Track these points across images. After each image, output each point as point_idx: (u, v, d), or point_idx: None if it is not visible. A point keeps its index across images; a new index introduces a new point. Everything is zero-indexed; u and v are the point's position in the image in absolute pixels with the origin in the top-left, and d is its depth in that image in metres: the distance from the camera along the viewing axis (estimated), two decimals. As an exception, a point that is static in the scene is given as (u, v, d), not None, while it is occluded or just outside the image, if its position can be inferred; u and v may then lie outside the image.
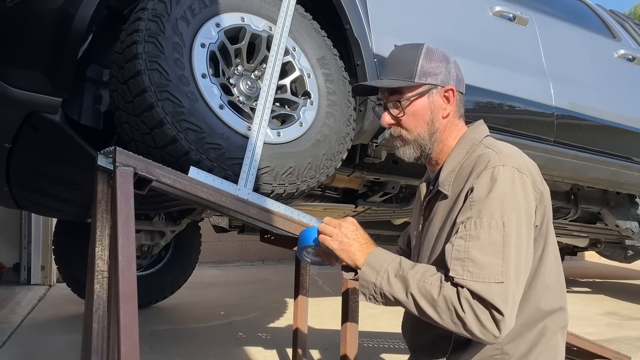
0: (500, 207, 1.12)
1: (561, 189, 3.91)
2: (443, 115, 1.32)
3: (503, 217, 1.11)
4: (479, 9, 2.98)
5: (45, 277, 5.55)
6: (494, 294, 1.06)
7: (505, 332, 1.07)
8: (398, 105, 1.32)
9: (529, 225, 1.15)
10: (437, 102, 1.31)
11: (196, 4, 1.90)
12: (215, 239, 5.51)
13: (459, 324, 1.08)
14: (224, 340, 3.53)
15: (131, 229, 1.41)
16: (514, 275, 1.08)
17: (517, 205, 1.13)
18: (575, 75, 3.35)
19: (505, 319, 1.06)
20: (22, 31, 1.76)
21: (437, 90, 1.32)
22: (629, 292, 5.90)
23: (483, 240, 1.10)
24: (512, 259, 1.09)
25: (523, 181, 1.16)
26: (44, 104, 1.78)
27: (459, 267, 1.10)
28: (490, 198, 1.14)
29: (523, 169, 1.18)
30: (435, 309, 1.10)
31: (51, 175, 2.48)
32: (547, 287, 1.24)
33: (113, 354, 1.46)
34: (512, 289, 1.08)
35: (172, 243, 4.38)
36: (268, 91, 1.97)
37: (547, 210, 1.23)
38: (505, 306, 1.05)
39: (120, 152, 1.50)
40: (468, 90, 2.74)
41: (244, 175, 1.84)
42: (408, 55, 1.33)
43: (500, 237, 1.09)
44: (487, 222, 1.11)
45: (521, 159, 1.22)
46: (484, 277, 1.07)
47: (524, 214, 1.14)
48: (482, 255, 1.09)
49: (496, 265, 1.08)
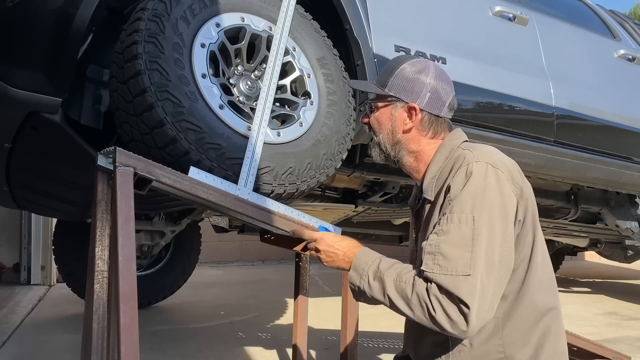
0: (471, 202, 1.15)
1: (561, 189, 3.91)
2: (404, 129, 1.37)
3: (473, 212, 1.13)
4: (479, 9, 2.98)
5: (45, 277, 5.56)
6: (460, 287, 1.07)
7: (476, 325, 1.07)
8: (371, 108, 1.43)
9: (506, 220, 1.16)
10: (399, 116, 1.38)
11: (196, 4, 1.90)
12: (215, 239, 5.51)
13: (430, 318, 1.10)
14: (224, 340, 3.53)
15: (131, 229, 1.42)
16: (483, 268, 1.09)
17: (490, 199, 1.15)
18: (576, 75, 3.35)
19: (473, 312, 1.06)
20: (22, 31, 1.76)
21: (402, 104, 1.37)
22: (629, 292, 5.90)
23: (453, 234, 1.13)
24: (481, 252, 1.10)
25: (497, 176, 1.18)
26: (44, 104, 1.78)
27: (430, 261, 1.13)
28: (463, 193, 1.17)
29: (498, 165, 1.20)
30: (409, 306, 1.13)
31: (51, 175, 2.48)
32: (540, 283, 1.25)
33: (113, 354, 1.46)
34: (481, 282, 1.08)
35: (172, 243, 4.38)
36: (268, 91, 1.97)
37: (530, 205, 1.25)
38: (472, 299, 1.06)
39: (120, 152, 1.50)
40: (468, 90, 2.79)
41: (244, 175, 1.84)
42: (394, 64, 1.40)
43: (470, 231, 1.12)
44: (457, 216, 1.14)
45: (497, 156, 1.24)
46: (452, 270, 1.09)
47: (498, 208, 1.15)
48: (451, 248, 1.11)
49: (464, 258, 1.09)
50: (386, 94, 1.39)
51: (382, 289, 1.17)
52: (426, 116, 1.37)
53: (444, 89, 1.38)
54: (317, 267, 6.35)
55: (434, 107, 1.37)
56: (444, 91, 1.38)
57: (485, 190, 1.16)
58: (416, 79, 1.36)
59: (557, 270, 7.01)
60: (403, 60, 1.40)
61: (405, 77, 1.37)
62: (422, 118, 1.37)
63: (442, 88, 1.38)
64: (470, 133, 2.74)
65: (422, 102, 1.36)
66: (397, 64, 1.40)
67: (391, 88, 1.38)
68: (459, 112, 2.73)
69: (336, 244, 1.34)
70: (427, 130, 1.37)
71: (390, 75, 1.39)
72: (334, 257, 1.32)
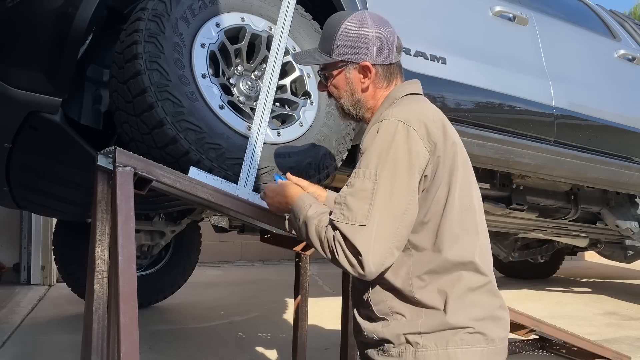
0: (376, 158, 1.22)
1: (561, 189, 3.91)
2: (362, 88, 1.41)
3: (377, 167, 1.21)
4: (479, 9, 2.98)
5: (45, 277, 5.56)
6: (356, 236, 1.17)
7: (372, 269, 1.18)
8: (325, 76, 1.46)
9: (411, 175, 1.21)
10: (354, 77, 1.41)
11: (196, 4, 1.90)
12: (215, 239, 5.51)
13: (334, 260, 1.22)
14: (224, 340, 3.53)
15: (131, 229, 1.42)
16: (379, 220, 1.18)
17: (395, 155, 1.21)
18: (575, 75, 3.35)
19: (367, 259, 1.17)
20: (22, 31, 1.76)
21: (354, 66, 1.40)
22: (629, 292, 5.90)
23: (356, 187, 1.22)
24: (379, 205, 1.19)
25: (407, 132, 1.23)
26: (44, 104, 1.78)
27: (337, 210, 1.22)
28: (370, 149, 1.25)
29: (411, 121, 1.24)
30: (322, 248, 1.25)
31: (51, 175, 2.48)
32: (454, 238, 1.26)
33: (113, 354, 1.46)
34: (377, 232, 1.18)
35: (172, 243, 4.38)
36: (268, 91, 1.97)
37: (447, 162, 1.27)
38: (365, 247, 1.17)
39: (120, 152, 1.50)
40: (468, 90, 2.79)
41: (244, 175, 1.85)
42: (331, 28, 1.42)
43: (371, 185, 1.20)
44: (362, 171, 1.23)
45: (414, 114, 1.27)
46: (352, 220, 1.19)
47: (403, 164, 1.21)
48: (354, 201, 1.20)
49: (363, 210, 1.19)
50: (336, 61, 1.41)
51: (307, 232, 1.29)
52: (379, 69, 1.40)
53: (387, 36, 1.40)
54: (317, 267, 6.35)
55: (384, 58, 1.40)
56: (387, 38, 1.40)
57: (391, 147, 1.22)
58: (359, 36, 1.38)
59: (557, 270, 7.02)
60: (339, 21, 1.41)
61: (348, 38, 1.38)
62: (376, 72, 1.40)
63: (385, 35, 1.40)
64: (470, 133, 2.74)
65: (372, 58, 1.39)
66: (335, 26, 1.41)
67: (338, 53, 1.39)
68: (459, 112, 2.73)
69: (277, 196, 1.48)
70: (382, 82, 1.41)
71: (332, 40, 1.40)
72: (279, 205, 1.48)
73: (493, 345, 1.26)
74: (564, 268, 7.15)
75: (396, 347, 1.25)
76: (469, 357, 1.23)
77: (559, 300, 5.42)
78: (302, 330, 2.26)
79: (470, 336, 1.23)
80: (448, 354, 1.22)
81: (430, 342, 1.22)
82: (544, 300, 5.36)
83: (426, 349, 1.22)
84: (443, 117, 1.34)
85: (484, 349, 1.24)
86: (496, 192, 3.47)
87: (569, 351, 3.42)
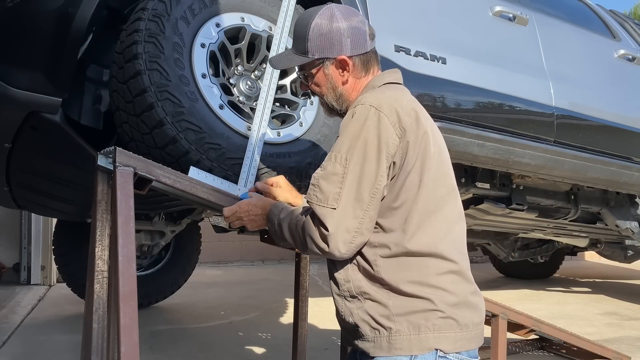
0: (348, 142, 1.26)
1: (561, 189, 3.91)
2: (342, 81, 1.43)
3: (347, 152, 1.25)
4: (479, 9, 2.98)
5: (45, 277, 5.55)
6: (326, 217, 1.23)
7: (342, 249, 1.24)
8: (305, 77, 1.47)
9: (379, 160, 1.24)
10: (333, 73, 1.42)
11: (196, 4, 1.90)
12: (215, 239, 5.50)
13: (306, 249, 1.29)
14: (224, 340, 3.53)
15: (131, 229, 1.42)
16: (347, 203, 1.24)
17: (365, 141, 1.25)
18: (576, 75, 3.35)
19: (335, 238, 1.23)
20: (22, 31, 1.76)
21: (331, 61, 1.41)
22: (629, 292, 5.90)
23: (328, 170, 1.27)
24: (348, 188, 1.24)
25: (378, 118, 1.26)
26: (44, 104, 1.78)
27: (311, 191, 1.29)
28: (342, 133, 1.29)
29: (383, 107, 1.27)
30: (295, 242, 1.33)
31: (51, 175, 2.48)
32: (422, 226, 1.27)
33: (113, 354, 1.46)
34: (344, 214, 1.23)
35: (172, 243, 4.38)
36: (268, 91, 1.97)
37: (417, 149, 1.28)
38: (334, 228, 1.23)
39: (120, 152, 1.50)
40: (468, 90, 2.79)
41: (244, 175, 1.85)
42: (302, 27, 1.42)
43: (341, 169, 1.25)
44: (334, 155, 1.27)
45: (387, 99, 1.29)
46: (324, 202, 1.25)
47: (372, 149, 1.24)
48: (326, 184, 1.26)
49: (333, 193, 1.24)
50: (312, 59, 1.42)
51: (282, 232, 1.36)
52: (356, 59, 1.41)
53: (358, 25, 1.40)
54: (317, 267, 6.36)
55: (359, 48, 1.41)
56: (359, 27, 1.40)
57: (362, 132, 1.25)
58: (330, 31, 1.38)
59: (557, 270, 7.02)
60: (308, 19, 1.41)
61: (320, 34, 1.39)
62: (354, 63, 1.41)
63: (355, 24, 1.40)
64: (470, 133, 2.74)
65: (347, 51, 1.39)
66: (305, 25, 1.41)
67: (314, 52, 1.40)
68: (459, 112, 2.73)
69: (253, 209, 1.51)
70: (361, 72, 1.43)
71: (305, 39, 1.40)
72: (255, 218, 1.51)
73: (467, 331, 1.27)
74: (564, 268, 7.15)
75: (371, 332, 1.27)
76: (441, 342, 1.23)
77: (559, 300, 5.42)
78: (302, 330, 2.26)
79: (442, 321, 1.24)
80: (420, 339, 1.23)
81: (402, 327, 1.23)
82: (544, 300, 5.37)
83: (399, 334, 1.23)
84: (418, 106, 1.35)
85: (457, 334, 1.25)
86: (496, 192, 3.47)
87: (569, 351, 3.42)
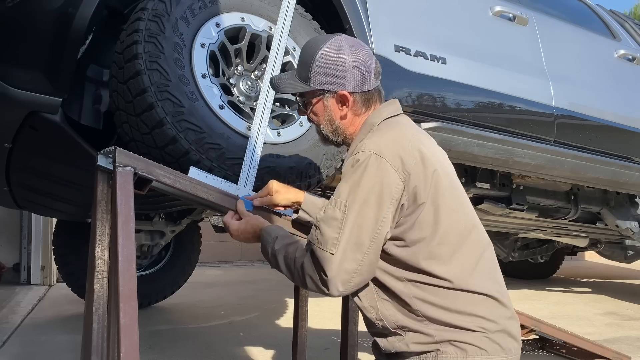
0: (348, 189, 1.26)
1: (561, 189, 3.91)
2: (340, 116, 1.41)
3: (347, 198, 1.25)
4: (479, 9, 2.98)
5: (45, 277, 5.55)
6: (324, 261, 1.24)
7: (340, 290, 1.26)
8: (304, 103, 1.46)
9: (380, 207, 1.24)
10: (332, 106, 1.40)
11: (196, 4, 1.90)
12: (215, 239, 5.50)
13: (306, 286, 1.30)
14: (224, 340, 3.53)
15: (131, 229, 1.42)
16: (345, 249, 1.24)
17: (365, 188, 1.24)
18: (576, 75, 3.35)
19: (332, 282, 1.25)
20: (22, 31, 1.76)
21: (331, 94, 1.39)
22: (629, 292, 5.90)
23: (328, 214, 1.27)
24: (346, 235, 1.24)
25: (379, 165, 1.25)
26: (44, 104, 1.78)
27: (313, 232, 1.30)
28: (344, 179, 1.29)
29: (384, 153, 1.26)
30: (294, 278, 1.33)
31: (51, 175, 2.48)
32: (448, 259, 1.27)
33: (113, 354, 1.46)
34: (342, 259, 1.24)
35: (172, 243, 4.37)
36: (268, 91, 1.97)
37: (427, 189, 1.27)
38: (332, 272, 1.24)
39: (120, 152, 1.50)
40: (468, 90, 2.79)
41: (244, 175, 1.85)
42: (308, 55, 1.40)
43: (341, 215, 1.25)
44: (334, 200, 1.28)
45: (388, 143, 1.28)
46: (323, 246, 1.25)
47: (372, 196, 1.24)
48: (326, 227, 1.26)
49: (332, 239, 1.24)
50: (313, 89, 1.40)
51: (277, 264, 1.37)
52: (357, 97, 1.39)
53: (364, 62, 1.38)
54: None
55: (361, 85, 1.38)
56: (364, 64, 1.38)
57: (362, 179, 1.25)
58: (335, 64, 1.36)
59: (557, 270, 7.02)
60: (316, 48, 1.38)
61: (324, 66, 1.36)
62: (354, 100, 1.39)
63: (362, 61, 1.38)
64: (470, 133, 2.74)
65: (349, 86, 1.37)
66: (312, 53, 1.38)
67: (315, 82, 1.38)
68: (459, 112, 2.73)
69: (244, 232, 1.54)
70: (360, 109, 1.41)
71: (309, 68, 1.38)
72: (247, 240, 1.56)
73: (510, 356, 1.29)
74: (564, 268, 7.15)
75: (417, 357, 1.27)
76: None
77: (559, 300, 5.42)
78: (302, 330, 2.26)
79: (489, 346, 1.25)
80: None
81: (449, 349, 1.25)
82: (544, 300, 5.36)
83: (446, 355, 1.25)
84: (421, 142, 1.33)
85: (502, 358, 1.27)
86: (496, 192, 3.47)
87: (569, 351, 3.42)
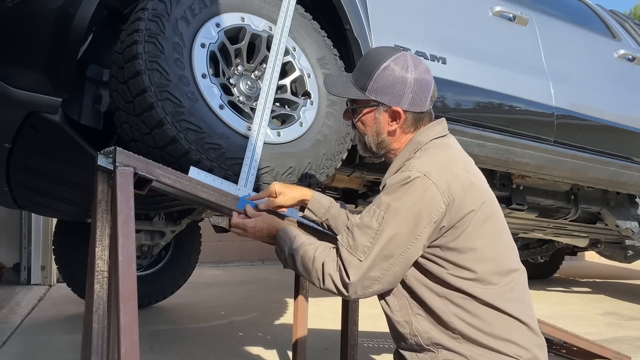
0: (388, 202, 1.27)
1: (561, 189, 3.91)
2: (389, 131, 1.41)
3: (387, 211, 1.27)
4: (479, 9, 2.98)
5: (45, 277, 5.55)
6: (351, 266, 1.27)
7: (358, 294, 1.29)
8: (353, 110, 1.46)
9: (416, 226, 1.25)
10: (382, 119, 1.41)
11: (196, 4, 1.90)
12: (215, 239, 5.50)
13: (323, 286, 1.31)
14: (224, 340, 3.53)
15: (131, 229, 1.42)
16: (374, 259, 1.26)
17: (407, 205, 1.25)
18: (576, 75, 3.35)
19: (352, 286, 1.27)
20: (22, 31, 1.76)
21: (385, 108, 1.39)
22: (629, 292, 5.90)
23: (364, 222, 1.29)
24: (379, 246, 1.26)
25: (426, 186, 1.26)
26: (44, 104, 1.78)
27: (345, 234, 1.32)
28: (387, 192, 1.30)
29: (432, 175, 1.26)
30: (311, 278, 1.33)
31: (51, 175, 2.48)
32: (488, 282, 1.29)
33: (113, 354, 1.46)
34: (370, 267, 1.26)
35: (172, 243, 4.37)
36: (268, 91, 1.97)
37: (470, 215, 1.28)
38: (355, 277, 1.26)
39: (120, 152, 1.50)
40: (468, 90, 2.79)
41: (244, 175, 1.85)
42: (371, 64, 1.40)
43: (377, 226, 1.27)
44: (373, 209, 1.29)
45: (436, 166, 1.29)
46: (353, 251, 1.28)
47: (413, 215, 1.25)
48: (359, 234, 1.28)
49: (364, 246, 1.27)
50: (368, 99, 1.39)
51: (294, 263, 1.38)
52: (410, 115, 1.39)
53: (424, 84, 1.38)
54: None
55: (416, 106, 1.38)
56: (425, 86, 1.38)
57: (405, 196, 1.26)
58: (396, 80, 1.36)
59: (557, 270, 7.01)
60: (380, 58, 1.38)
61: (385, 79, 1.36)
62: (405, 118, 1.39)
63: (423, 83, 1.37)
64: (471, 133, 2.74)
65: (405, 104, 1.37)
66: (376, 63, 1.38)
67: (372, 92, 1.38)
68: (460, 112, 2.73)
69: (259, 229, 1.55)
70: (410, 127, 1.41)
71: (369, 77, 1.37)
72: (262, 239, 1.56)
73: None
74: (564, 268, 7.15)
75: None
76: None
77: (559, 300, 5.42)
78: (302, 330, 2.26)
79: None
80: None
81: None
82: (544, 300, 5.36)
83: None
84: (469, 167, 1.34)
85: None
86: (496, 192, 3.45)
87: (569, 351, 3.42)
